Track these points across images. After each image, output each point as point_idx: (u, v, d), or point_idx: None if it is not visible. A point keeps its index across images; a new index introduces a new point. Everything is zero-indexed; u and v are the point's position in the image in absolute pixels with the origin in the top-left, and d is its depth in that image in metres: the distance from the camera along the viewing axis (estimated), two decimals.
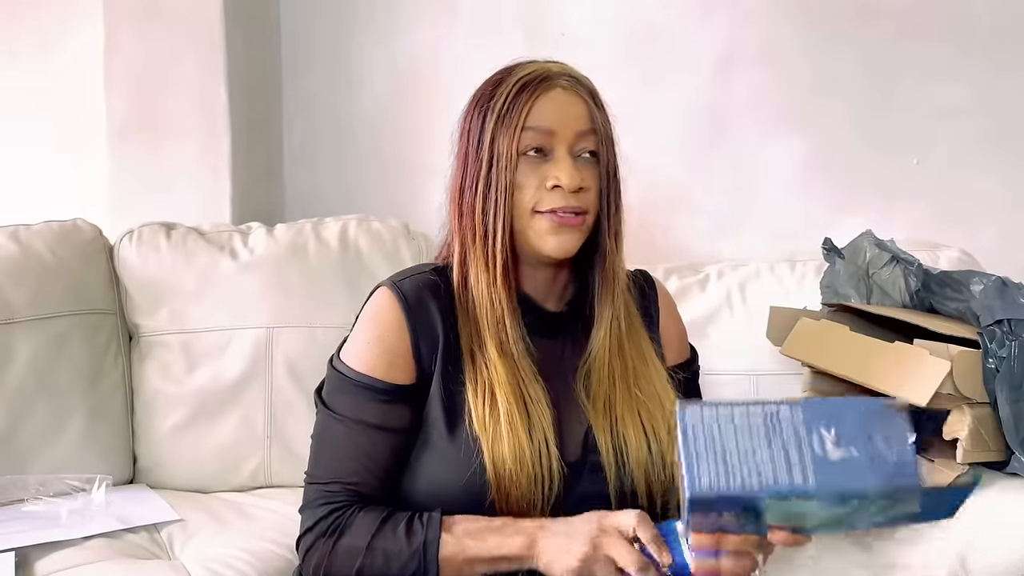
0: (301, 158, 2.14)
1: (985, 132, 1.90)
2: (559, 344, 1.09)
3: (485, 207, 1.02)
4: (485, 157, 1.02)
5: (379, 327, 1.03)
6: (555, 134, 1.01)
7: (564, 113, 1.02)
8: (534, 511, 0.98)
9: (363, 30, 2.09)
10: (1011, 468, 1.15)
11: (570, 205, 1.00)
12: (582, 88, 1.04)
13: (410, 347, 1.03)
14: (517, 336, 1.04)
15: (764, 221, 1.99)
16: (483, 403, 1.00)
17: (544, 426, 1.00)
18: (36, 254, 1.55)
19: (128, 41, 1.86)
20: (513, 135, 1.00)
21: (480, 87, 1.08)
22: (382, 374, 1.02)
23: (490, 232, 1.01)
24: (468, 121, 1.06)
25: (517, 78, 1.03)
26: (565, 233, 1.01)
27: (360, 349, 1.04)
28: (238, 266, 1.64)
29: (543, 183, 1.01)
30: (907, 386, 1.16)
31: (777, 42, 1.95)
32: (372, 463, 1.01)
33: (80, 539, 1.32)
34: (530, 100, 1.01)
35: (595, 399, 1.05)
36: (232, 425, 1.60)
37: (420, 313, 1.03)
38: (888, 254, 1.38)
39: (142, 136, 1.88)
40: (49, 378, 1.51)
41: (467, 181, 1.03)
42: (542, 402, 1.02)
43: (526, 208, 1.01)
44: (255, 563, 1.32)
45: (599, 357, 1.07)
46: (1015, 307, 1.16)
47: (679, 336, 1.19)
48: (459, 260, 1.05)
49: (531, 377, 1.03)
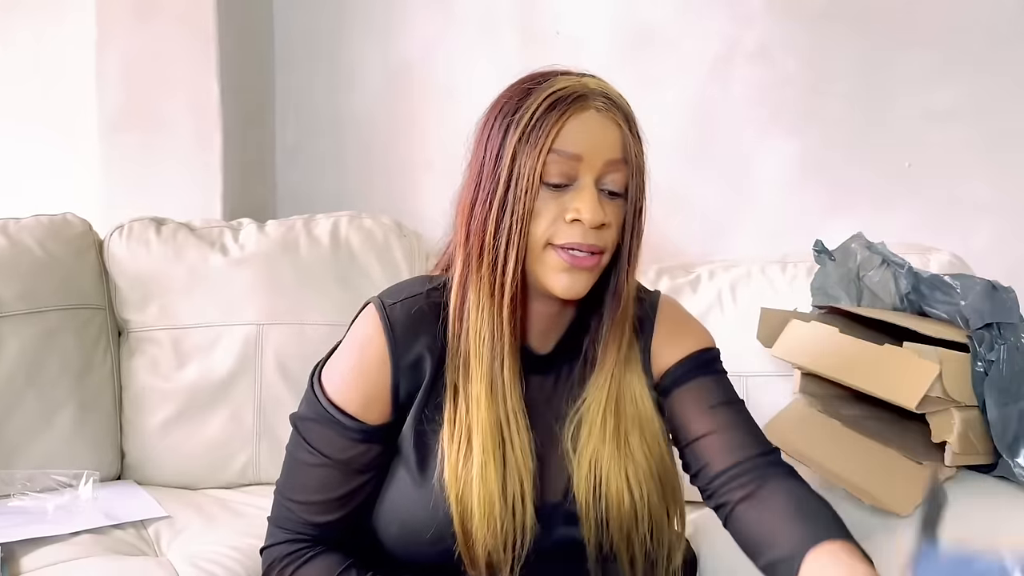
0: (294, 154, 2.14)
1: (977, 136, 1.90)
2: (548, 380, 1.02)
3: (497, 233, 0.91)
4: (503, 176, 0.91)
5: (361, 360, 0.96)
6: (582, 160, 0.91)
7: (595, 138, 0.91)
8: (503, 565, 0.94)
9: (357, 27, 2.08)
10: (999, 471, 1.15)
11: (588, 243, 0.91)
12: (618, 112, 0.93)
13: (390, 387, 0.96)
14: (514, 377, 0.95)
15: (756, 222, 1.99)
16: (458, 449, 0.93)
17: (522, 477, 0.94)
18: (26, 248, 1.54)
19: (120, 36, 1.85)
20: (537, 157, 0.90)
21: (505, 93, 0.97)
22: (356, 410, 0.95)
23: (500, 261, 0.92)
24: (488, 130, 0.95)
25: (548, 92, 0.92)
26: (578, 274, 0.92)
27: (339, 378, 0.97)
28: (228, 262, 1.64)
29: (562, 214, 0.91)
30: (896, 389, 1.16)
31: (771, 43, 1.95)
32: (339, 502, 0.97)
33: (66, 535, 1.31)
34: (560, 120, 0.90)
35: (582, 454, 0.98)
36: (221, 421, 1.60)
37: (407, 348, 0.96)
38: (879, 257, 1.39)
39: (134, 131, 1.87)
40: (37, 373, 1.50)
41: (479, 198, 0.93)
42: (525, 451, 0.95)
43: (539, 239, 0.91)
44: (243, 560, 1.32)
45: (592, 409, 0.99)
46: (1004, 311, 1.17)
47: (677, 344, 1.06)
48: (459, 281, 0.96)
49: (518, 423, 0.95)
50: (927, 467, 1.16)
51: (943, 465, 1.16)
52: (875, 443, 1.23)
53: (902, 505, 1.13)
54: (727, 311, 1.65)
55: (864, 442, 1.24)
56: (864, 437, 1.25)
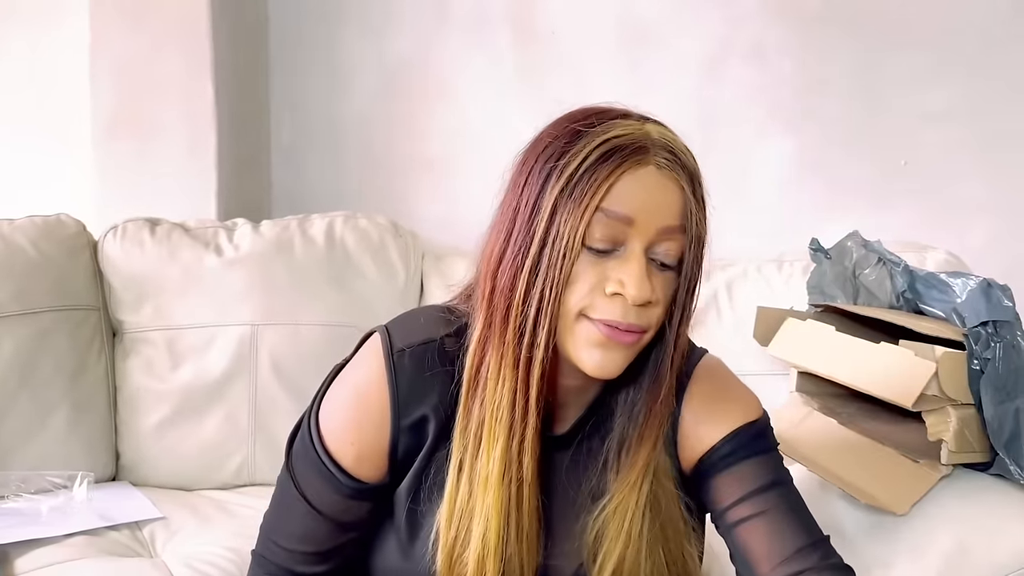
0: (289, 155, 2.13)
1: (972, 135, 1.91)
2: (567, 459, 0.89)
3: (527, 298, 0.78)
4: (539, 232, 0.77)
5: (359, 411, 0.85)
6: (634, 224, 0.77)
7: (652, 200, 0.78)
8: None
9: (352, 26, 2.08)
10: (995, 469, 1.15)
11: (628, 322, 0.77)
12: (682, 171, 0.80)
13: (387, 448, 0.85)
14: (532, 463, 0.82)
15: (753, 221, 1.99)
16: (455, 537, 0.83)
17: (525, 573, 0.84)
18: (19, 249, 1.54)
19: (114, 36, 1.84)
20: (580, 216, 0.76)
21: (550, 130, 0.81)
22: (349, 464, 0.85)
23: (528, 332, 0.78)
24: (526, 173, 0.80)
25: (602, 140, 0.77)
26: (614, 350, 0.78)
27: (333, 423, 0.86)
28: (223, 262, 1.63)
29: (602, 284, 0.77)
30: (892, 387, 1.16)
31: (766, 44, 1.96)
32: (323, 556, 0.87)
33: (61, 536, 1.31)
34: (613, 175, 0.76)
35: (605, 560, 0.85)
36: (216, 422, 1.59)
37: (410, 408, 0.84)
38: (875, 255, 1.39)
39: (128, 131, 1.86)
40: (32, 374, 1.49)
41: (509, 251, 0.79)
42: (532, 547, 0.84)
43: (572, 308, 0.78)
44: (238, 561, 1.31)
45: (620, 511, 0.85)
46: (1000, 309, 1.16)
47: (716, 421, 0.89)
48: (479, 340, 0.82)
49: (530, 516, 0.84)
50: (924, 466, 1.16)
51: (939, 463, 1.16)
52: (872, 441, 1.23)
53: (899, 504, 1.13)
54: (723, 310, 1.65)
55: (861, 441, 1.24)
56: (861, 436, 1.25)
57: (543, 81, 1.99)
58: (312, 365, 1.59)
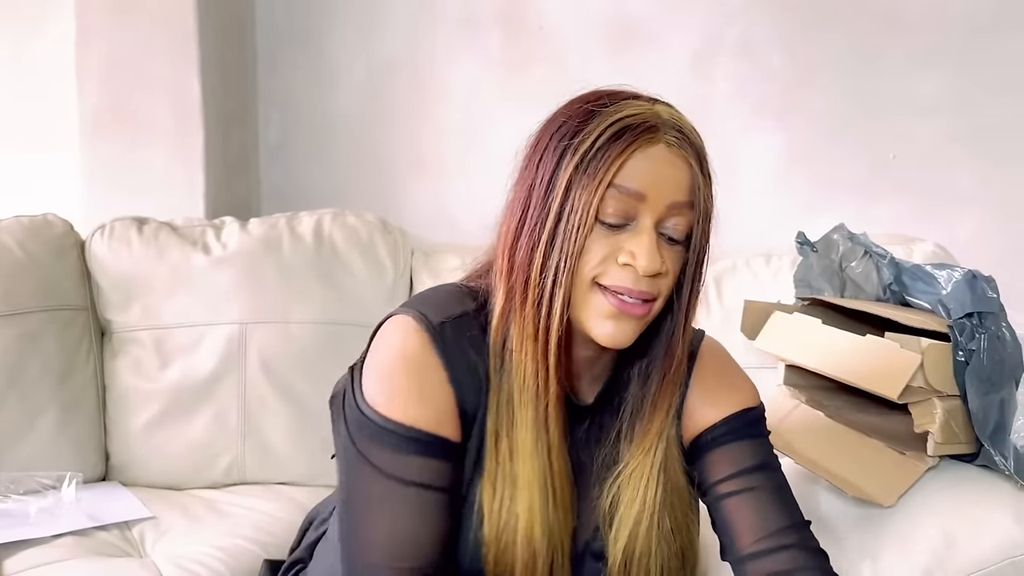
0: (277, 153, 2.13)
1: (961, 128, 1.91)
2: (587, 430, 0.93)
3: (544, 271, 0.82)
4: (554, 207, 0.81)
5: (419, 377, 0.84)
6: (645, 200, 0.81)
7: (662, 177, 0.82)
8: None
9: (340, 24, 2.07)
10: (981, 460, 1.15)
11: (639, 290, 0.82)
12: (690, 149, 0.84)
13: (455, 403, 0.85)
14: (559, 429, 0.87)
15: (742, 215, 1.99)
16: (500, 504, 0.85)
17: (562, 537, 0.87)
18: (6, 249, 1.53)
19: (101, 34, 1.84)
20: (595, 191, 0.80)
21: (563, 110, 0.86)
22: (432, 428, 0.83)
23: (544, 303, 0.82)
24: (540, 151, 0.84)
25: (614, 119, 0.82)
26: (625, 321, 0.83)
27: (398, 399, 0.83)
28: (211, 261, 1.63)
29: (614, 255, 0.82)
30: (879, 379, 1.16)
31: (756, 36, 1.96)
32: (440, 542, 0.84)
33: (50, 537, 1.31)
34: (624, 152, 0.81)
35: (621, 523, 0.90)
36: (205, 421, 1.59)
37: (460, 373, 0.85)
38: (861, 248, 1.39)
39: (115, 130, 1.86)
40: (20, 375, 1.49)
41: (526, 227, 0.83)
42: (567, 509, 0.88)
43: (585, 276, 0.82)
44: (228, 560, 1.32)
45: (635, 476, 0.90)
46: (985, 300, 1.16)
47: (717, 403, 0.95)
48: (501, 314, 0.86)
49: (563, 480, 0.88)
50: (910, 457, 1.16)
51: (926, 455, 1.16)
52: (858, 434, 1.23)
53: (885, 496, 1.13)
54: (712, 304, 1.65)
55: (847, 433, 1.24)
56: (847, 428, 1.25)
57: (531, 77, 1.99)
58: (301, 363, 1.59)
